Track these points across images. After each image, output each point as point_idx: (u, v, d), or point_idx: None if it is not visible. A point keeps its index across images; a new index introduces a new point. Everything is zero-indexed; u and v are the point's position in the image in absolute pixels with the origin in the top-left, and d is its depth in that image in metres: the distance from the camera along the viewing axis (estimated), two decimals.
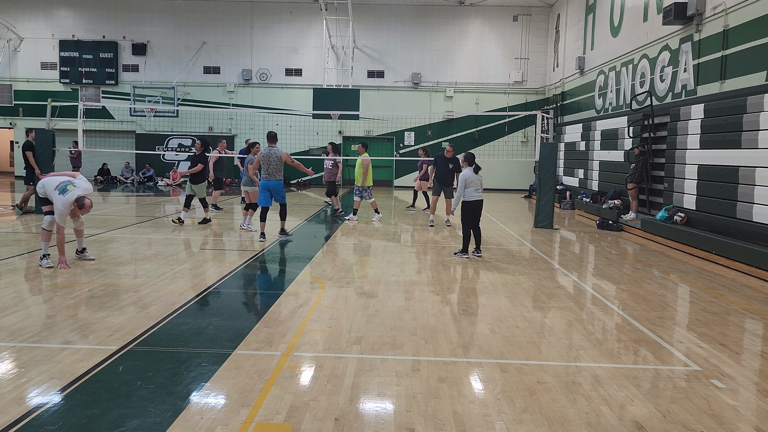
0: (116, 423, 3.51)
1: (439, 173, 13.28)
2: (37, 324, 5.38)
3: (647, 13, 14.98)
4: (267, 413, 3.72)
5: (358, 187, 13.55)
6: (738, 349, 5.24)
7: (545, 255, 9.96)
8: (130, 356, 4.63)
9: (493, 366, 4.64)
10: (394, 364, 4.61)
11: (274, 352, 4.82)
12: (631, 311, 6.44)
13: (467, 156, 9.38)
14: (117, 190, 22.44)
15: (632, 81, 15.93)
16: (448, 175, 13.10)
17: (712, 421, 3.78)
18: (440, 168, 13.22)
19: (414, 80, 25.50)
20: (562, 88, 22.85)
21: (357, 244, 10.58)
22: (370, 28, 25.44)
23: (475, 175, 9.19)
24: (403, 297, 6.76)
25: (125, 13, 25.84)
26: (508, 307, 6.47)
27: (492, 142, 25.55)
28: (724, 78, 11.38)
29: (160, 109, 25.30)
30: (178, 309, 6.00)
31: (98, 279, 7.22)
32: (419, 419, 3.69)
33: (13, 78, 26.16)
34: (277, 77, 25.93)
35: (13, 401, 3.76)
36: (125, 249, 9.37)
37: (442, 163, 13.19)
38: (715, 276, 8.60)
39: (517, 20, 25.38)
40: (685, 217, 11.33)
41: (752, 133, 9.55)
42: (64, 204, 7.33)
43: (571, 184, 19.90)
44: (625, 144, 15.02)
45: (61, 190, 7.41)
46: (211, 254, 9.22)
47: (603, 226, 13.81)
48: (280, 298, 6.66)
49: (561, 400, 4.02)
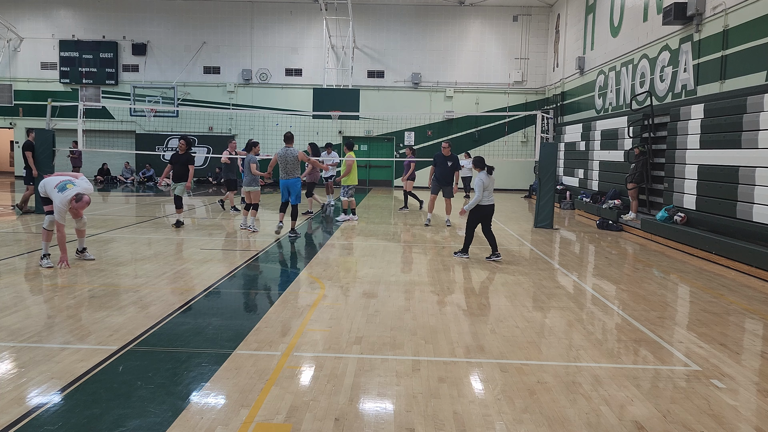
0: (116, 423, 3.51)
1: (438, 172, 12.96)
2: (37, 324, 5.38)
3: (647, 13, 14.98)
4: (267, 413, 3.72)
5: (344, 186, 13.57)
6: (738, 349, 5.24)
7: (545, 255, 9.96)
8: (130, 356, 4.63)
9: (493, 366, 4.64)
10: (394, 364, 4.61)
11: (274, 352, 4.82)
12: (631, 311, 6.44)
13: (476, 161, 9.08)
14: (117, 190, 22.44)
15: (632, 81, 15.93)
16: (447, 174, 12.85)
17: (712, 421, 3.78)
18: (440, 166, 12.92)
19: (414, 80, 25.50)
20: (562, 88, 22.85)
21: (357, 245, 10.58)
22: (370, 28, 25.44)
23: (490, 178, 8.91)
24: (403, 297, 6.76)
25: (125, 13, 25.85)
26: (508, 307, 6.47)
27: (492, 142, 25.55)
28: (724, 78, 11.38)
29: (160, 109, 25.30)
30: (178, 309, 6.00)
31: (98, 279, 7.21)
32: (419, 419, 3.69)
33: (13, 78, 26.17)
34: (277, 77, 25.93)
35: (13, 401, 3.76)
36: (125, 249, 9.37)
37: (441, 161, 12.92)
38: (715, 276, 8.60)
39: (517, 20, 25.39)
40: (685, 217, 11.32)
41: (752, 133, 9.55)
42: (62, 201, 7.34)
43: (571, 184, 19.90)
44: (625, 144, 15.02)
45: (61, 188, 7.42)
46: (211, 254, 9.22)
47: (603, 226, 13.81)
48: (280, 298, 6.66)
49: (561, 400, 4.02)
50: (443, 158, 12.91)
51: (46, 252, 7.78)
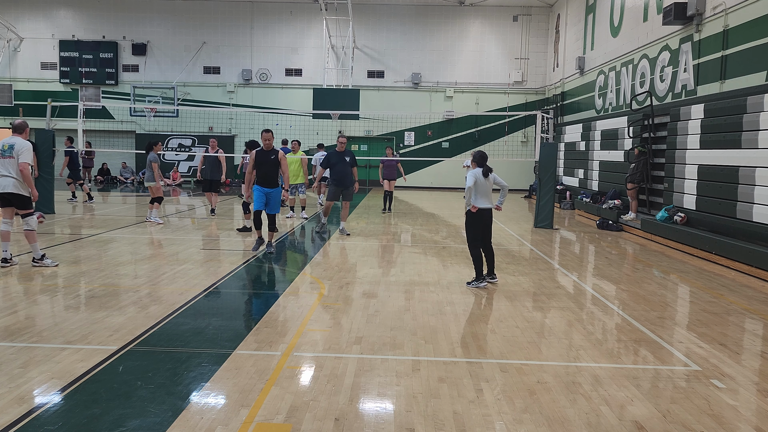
0: (116, 423, 3.51)
1: (334, 174, 11.02)
2: (37, 324, 5.38)
3: (647, 13, 14.98)
4: (267, 413, 3.72)
5: (297, 185, 13.58)
6: (738, 349, 5.24)
7: (545, 255, 9.96)
8: (130, 356, 4.63)
9: (493, 366, 4.64)
10: (394, 364, 4.61)
11: (274, 352, 4.82)
12: (631, 311, 6.44)
13: (476, 155, 7.60)
14: (117, 190, 22.44)
15: (632, 81, 15.93)
16: (348, 174, 11.00)
17: (712, 421, 3.78)
18: (335, 166, 10.96)
19: (414, 80, 25.50)
20: (562, 88, 22.85)
21: (357, 245, 10.58)
22: (370, 28, 25.44)
23: (484, 179, 7.43)
24: (403, 297, 6.76)
25: (125, 13, 25.85)
26: (508, 307, 6.47)
27: (492, 142, 25.54)
28: (724, 78, 11.38)
29: (160, 109, 25.29)
30: (178, 309, 5.99)
31: (98, 279, 7.21)
32: (419, 419, 3.69)
33: (13, 78, 26.17)
34: (277, 77, 25.93)
35: (13, 401, 3.76)
36: (125, 249, 9.37)
37: (337, 159, 10.92)
38: (715, 276, 8.60)
39: (517, 20, 25.39)
40: (685, 217, 11.32)
41: (752, 133, 9.54)
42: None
43: (571, 184, 19.90)
44: (625, 144, 15.02)
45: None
46: (211, 254, 9.22)
47: (603, 226, 13.81)
48: (280, 298, 6.66)
49: (561, 400, 4.02)
50: (339, 155, 10.96)
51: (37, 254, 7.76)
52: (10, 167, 7.46)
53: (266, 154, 9.13)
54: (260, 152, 9.16)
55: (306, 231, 12.25)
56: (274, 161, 9.09)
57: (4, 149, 7.46)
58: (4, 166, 7.47)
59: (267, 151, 9.16)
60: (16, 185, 7.52)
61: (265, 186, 9.05)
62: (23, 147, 7.48)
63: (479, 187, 7.39)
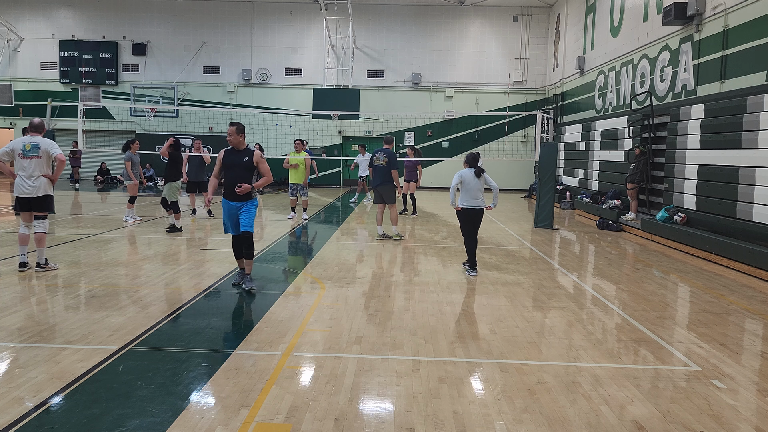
0: (116, 423, 3.51)
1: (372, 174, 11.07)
2: (37, 324, 5.38)
3: (647, 13, 14.97)
4: (267, 413, 3.72)
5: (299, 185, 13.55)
6: (738, 349, 5.24)
7: (545, 255, 9.96)
8: (130, 356, 4.63)
9: (493, 366, 4.64)
10: (394, 364, 4.61)
11: (274, 352, 4.82)
12: (631, 311, 6.44)
13: (467, 156, 8.07)
14: (117, 189, 22.43)
15: (632, 81, 15.93)
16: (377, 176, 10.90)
17: (712, 421, 3.78)
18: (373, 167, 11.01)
19: (414, 80, 25.49)
20: (562, 88, 22.84)
21: (357, 245, 10.58)
22: (370, 28, 25.43)
23: (474, 179, 7.76)
24: (403, 297, 6.76)
25: (125, 13, 25.84)
26: (508, 307, 6.47)
27: (492, 142, 25.53)
28: (724, 78, 11.38)
29: (160, 109, 25.30)
30: (178, 309, 6.00)
31: (98, 279, 7.22)
32: (419, 419, 3.69)
33: (13, 78, 26.15)
34: (277, 77, 25.92)
35: (13, 401, 3.76)
36: (125, 249, 9.37)
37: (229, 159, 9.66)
38: (715, 276, 8.60)
39: (517, 20, 25.38)
40: (685, 217, 11.32)
41: (752, 133, 9.55)
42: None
43: (571, 184, 19.90)
44: (625, 144, 15.02)
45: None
46: (211, 254, 9.22)
47: (603, 226, 13.81)
48: (280, 298, 6.66)
49: (561, 400, 4.02)
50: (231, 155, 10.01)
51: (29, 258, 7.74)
52: (37, 168, 7.39)
53: (236, 156, 6.90)
54: (228, 152, 6.96)
55: (306, 231, 12.25)
56: (246, 164, 6.84)
57: (26, 149, 7.35)
58: (30, 168, 7.36)
59: (238, 152, 6.92)
60: (47, 186, 7.51)
61: (233, 200, 6.84)
62: (49, 143, 7.48)
63: (466, 187, 7.82)
